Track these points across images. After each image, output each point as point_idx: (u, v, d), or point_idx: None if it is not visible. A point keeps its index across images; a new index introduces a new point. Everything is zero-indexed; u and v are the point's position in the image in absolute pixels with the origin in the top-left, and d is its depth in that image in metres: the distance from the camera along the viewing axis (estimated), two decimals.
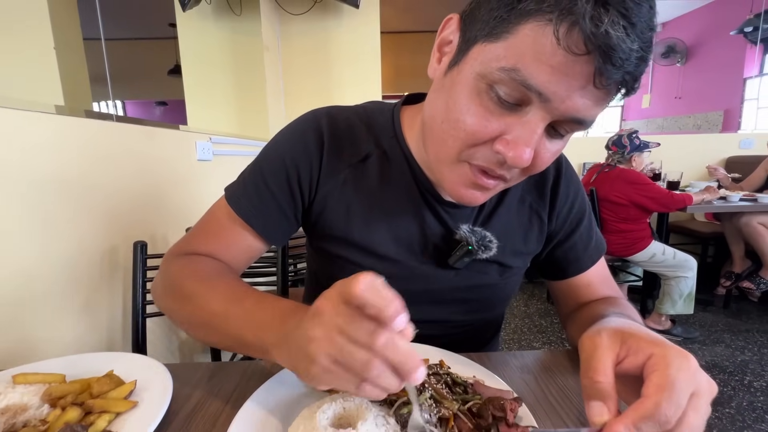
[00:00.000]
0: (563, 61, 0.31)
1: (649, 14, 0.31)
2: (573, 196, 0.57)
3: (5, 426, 0.36)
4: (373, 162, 0.52)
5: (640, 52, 0.31)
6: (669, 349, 0.30)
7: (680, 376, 0.27)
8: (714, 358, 1.88)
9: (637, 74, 0.33)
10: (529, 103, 0.35)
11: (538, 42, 0.32)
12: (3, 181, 0.69)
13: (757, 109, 4.48)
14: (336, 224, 0.53)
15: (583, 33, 0.30)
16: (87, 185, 0.88)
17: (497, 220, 0.54)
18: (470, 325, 0.59)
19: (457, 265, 0.53)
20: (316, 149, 0.52)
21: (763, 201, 2.08)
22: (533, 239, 0.56)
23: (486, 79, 0.35)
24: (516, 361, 0.52)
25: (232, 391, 0.46)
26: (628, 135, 2.07)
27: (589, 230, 0.58)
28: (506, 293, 0.60)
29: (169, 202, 1.17)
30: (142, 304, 0.92)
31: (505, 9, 0.33)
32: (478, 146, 0.39)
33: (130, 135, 1.03)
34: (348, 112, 0.55)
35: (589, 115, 0.35)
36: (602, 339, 0.32)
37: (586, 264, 0.58)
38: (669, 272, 2.02)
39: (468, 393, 0.39)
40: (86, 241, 0.87)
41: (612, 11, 0.29)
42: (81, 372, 0.45)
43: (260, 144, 2.19)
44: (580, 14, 0.29)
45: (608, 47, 0.30)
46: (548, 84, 0.33)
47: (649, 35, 0.31)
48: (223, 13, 2.29)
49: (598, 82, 0.32)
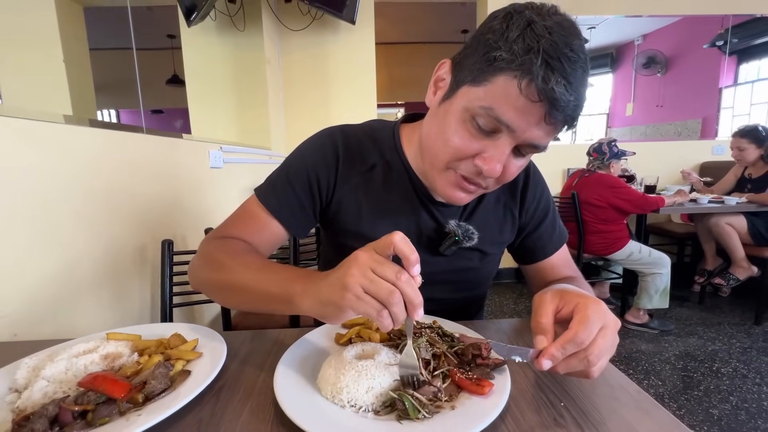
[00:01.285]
0: (524, 105, 0.45)
1: (583, 76, 0.45)
2: (539, 196, 0.71)
3: (107, 367, 0.48)
4: (378, 171, 0.65)
5: (576, 101, 0.45)
6: (588, 299, 0.43)
7: (592, 315, 0.40)
8: (687, 348, 2.03)
9: (575, 116, 0.47)
10: (500, 131, 0.49)
11: (507, 90, 0.45)
12: (55, 188, 0.80)
13: (733, 117, 4.72)
14: (349, 221, 0.66)
15: (537, 87, 0.43)
16: (119, 190, 0.99)
17: (478, 216, 0.68)
18: (458, 302, 0.73)
19: (446, 252, 0.66)
20: (333, 160, 0.64)
21: (729, 203, 2.25)
22: (507, 231, 0.71)
23: (470, 112, 0.49)
24: (494, 326, 0.65)
25: (271, 348, 0.58)
26: (607, 143, 2.24)
27: (553, 223, 0.73)
28: (485, 275, 0.74)
29: (187, 206, 1.28)
30: (170, 295, 1.04)
31: (485, 63, 0.46)
32: (462, 160, 0.53)
33: (154, 144, 1.15)
34: (357, 130, 0.68)
35: (543, 142, 0.50)
36: (547, 295, 0.46)
37: (550, 250, 0.72)
38: (645, 269, 2.18)
39: (454, 341, 0.52)
40: (121, 238, 0.99)
41: (557, 74, 0.43)
42: (148, 336, 0.57)
43: (264, 152, 2.32)
44: (535, 74, 0.43)
45: (553, 98, 0.44)
46: (514, 120, 0.47)
47: (581, 90, 0.46)
48: (226, 28, 2.42)
49: (547, 120, 0.46)
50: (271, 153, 2.42)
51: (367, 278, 0.38)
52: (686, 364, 1.87)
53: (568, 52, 0.43)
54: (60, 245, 0.81)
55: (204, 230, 1.23)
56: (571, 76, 0.43)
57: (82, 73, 2.81)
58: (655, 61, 5.55)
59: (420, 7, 4.12)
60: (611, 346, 0.41)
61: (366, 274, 0.38)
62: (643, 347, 2.06)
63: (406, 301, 0.39)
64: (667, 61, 5.41)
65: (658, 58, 5.49)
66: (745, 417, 1.50)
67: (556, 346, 0.40)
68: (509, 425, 0.40)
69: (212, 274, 0.56)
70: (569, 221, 2.35)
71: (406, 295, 0.38)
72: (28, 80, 2.67)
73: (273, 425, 0.41)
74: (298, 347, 0.54)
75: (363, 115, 2.82)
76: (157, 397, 0.43)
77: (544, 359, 0.39)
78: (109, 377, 0.43)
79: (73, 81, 2.69)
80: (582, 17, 3.38)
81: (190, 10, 2.28)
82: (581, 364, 0.40)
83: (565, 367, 0.40)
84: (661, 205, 2.12)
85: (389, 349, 0.48)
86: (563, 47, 0.43)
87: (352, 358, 0.46)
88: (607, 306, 0.43)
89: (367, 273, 0.38)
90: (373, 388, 0.42)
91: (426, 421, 0.39)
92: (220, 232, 0.64)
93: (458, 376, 0.45)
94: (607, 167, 2.25)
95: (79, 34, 2.79)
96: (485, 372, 0.46)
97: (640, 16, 3.45)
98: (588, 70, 0.46)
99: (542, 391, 0.46)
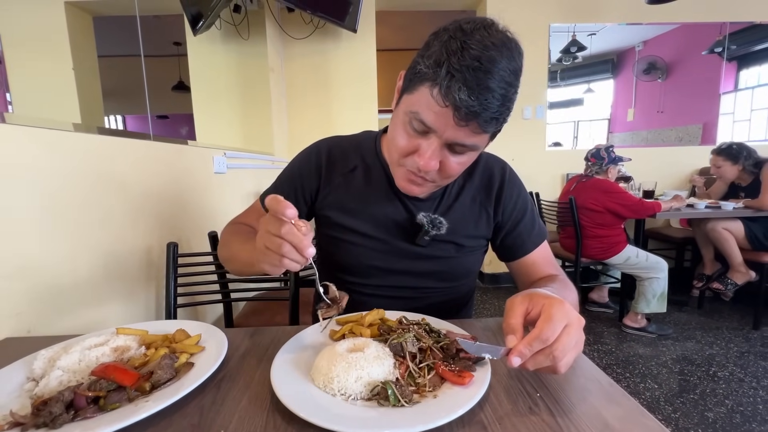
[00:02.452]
0: (438, 110, 0.53)
1: (490, 84, 0.51)
2: (516, 197, 0.77)
3: (116, 358, 0.52)
4: (359, 172, 0.76)
5: (482, 107, 0.51)
6: (553, 300, 0.46)
7: (556, 314, 0.43)
8: (684, 352, 2.04)
9: (489, 119, 0.53)
10: (429, 132, 0.57)
11: (426, 98, 0.54)
12: (65, 193, 0.85)
13: (733, 122, 4.74)
14: (335, 215, 0.76)
15: (441, 95, 0.52)
16: (127, 194, 1.04)
17: (454, 212, 0.75)
18: (442, 292, 0.78)
19: (420, 243, 0.73)
20: (316, 167, 0.77)
21: (726, 208, 2.27)
22: (483, 227, 0.77)
23: (407, 116, 0.58)
24: (480, 324, 0.68)
25: (269, 343, 0.62)
26: (605, 149, 2.27)
27: (531, 221, 0.78)
28: (466, 267, 0.78)
29: (191, 210, 1.33)
30: (174, 296, 1.08)
31: (414, 75, 0.56)
32: (406, 157, 0.62)
33: (161, 150, 1.20)
34: (344, 140, 0.80)
35: (467, 141, 0.56)
36: (517, 298, 0.49)
37: (530, 247, 0.77)
38: (643, 273, 2.20)
39: (440, 337, 0.55)
40: (128, 241, 1.03)
41: (458, 83, 0.51)
42: (154, 331, 0.61)
43: (267, 158, 2.37)
44: (440, 84, 0.52)
45: (456, 104, 0.51)
46: (433, 122, 0.55)
47: (488, 97, 0.51)
48: (231, 37, 2.48)
49: (457, 123, 0.53)
50: (274, 158, 2.46)
51: (263, 237, 0.48)
52: (683, 368, 1.88)
53: (475, 64, 0.50)
54: (70, 247, 0.85)
55: (207, 234, 1.28)
56: (473, 84, 0.50)
57: (90, 80, 2.88)
58: (656, 67, 5.57)
59: (420, 15, 4.19)
60: (576, 342, 0.44)
61: (262, 235, 0.48)
62: (641, 351, 2.07)
63: (296, 247, 0.46)
64: (668, 67, 5.43)
65: (658, 64, 5.52)
66: (739, 420, 1.52)
67: (523, 343, 0.43)
68: (487, 413, 0.43)
69: (222, 250, 0.72)
70: (567, 226, 2.37)
71: (292, 242, 0.46)
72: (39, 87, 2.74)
73: (269, 412, 0.44)
74: (294, 342, 0.58)
75: (364, 120, 2.86)
76: (162, 386, 0.47)
77: (513, 356, 0.43)
78: (119, 367, 0.46)
79: (82, 88, 2.76)
80: (582, 24, 3.43)
81: (196, 19, 2.35)
82: (548, 360, 0.43)
83: (533, 363, 0.43)
84: (657, 210, 2.14)
85: (378, 344, 0.52)
86: (471, 61, 0.50)
87: (344, 351, 0.49)
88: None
89: (263, 234, 0.48)
90: (362, 378, 0.45)
91: (408, 408, 0.42)
92: (235, 221, 0.80)
93: (442, 368, 0.48)
94: (605, 172, 2.28)
95: (88, 42, 2.87)
96: (467, 365, 0.49)
97: (640, 24, 3.48)
98: (507, 81, 0.52)
99: (520, 383, 0.50)
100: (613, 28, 4.82)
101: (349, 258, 0.76)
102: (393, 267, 0.75)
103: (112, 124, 6.45)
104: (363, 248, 0.74)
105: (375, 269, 0.75)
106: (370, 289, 0.77)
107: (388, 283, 0.76)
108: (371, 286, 0.77)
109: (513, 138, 3.06)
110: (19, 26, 2.58)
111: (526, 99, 3.06)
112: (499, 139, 0.69)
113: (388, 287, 0.77)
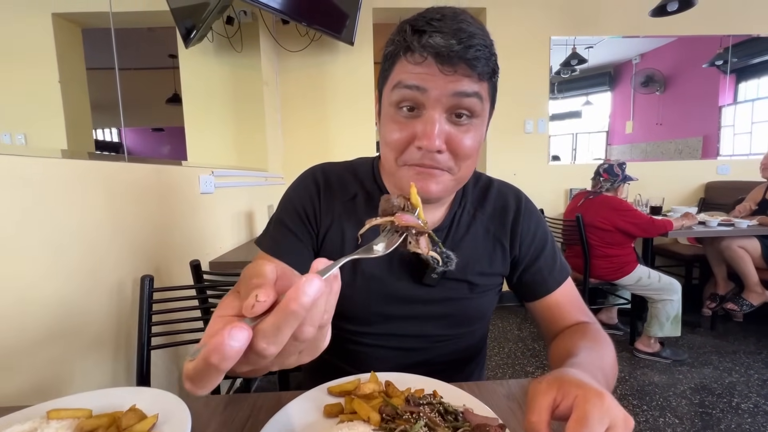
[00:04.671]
0: (420, 70, 0.50)
1: (459, 25, 0.49)
2: (534, 228, 0.68)
3: None
4: (360, 200, 0.66)
5: (462, 44, 0.48)
6: (588, 390, 0.34)
7: (594, 412, 0.32)
8: (703, 380, 1.92)
9: (472, 58, 0.49)
10: (422, 106, 0.52)
11: (404, 67, 0.52)
12: (16, 223, 0.73)
13: (734, 135, 4.70)
14: (335, 248, 0.64)
15: (417, 51, 0.50)
16: (96, 223, 0.93)
17: (465, 246, 0.64)
18: (452, 340, 0.66)
19: (428, 282, 0.62)
20: (315, 194, 0.66)
21: (740, 226, 2.18)
22: (498, 262, 0.66)
23: (392, 103, 0.54)
24: (503, 390, 0.57)
25: (245, 421, 0.50)
26: (619, 165, 2.17)
27: (552, 256, 0.67)
28: (480, 310, 0.67)
29: (172, 236, 1.21)
30: (147, 337, 0.96)
31: (385, 65, 0.56)
32: (405, 150, 0.55)
33: (136, 172, 1.09)
34: (337, 167, 0.70)
35: (465, 88, 0.50)
36: (542, 385, 0.37)
37: (552, 285, 0.66)
38: (655, 295, 2.09)
39: (458, 421, 0.44)
40: (96, 275, 0.92)
41: (427, 32, 0.49)
42: (105, 406, 0.49)
43: (260, 174, 2.26)
44: (410, 42, 0.50)
45: (434, 50, 0.48)
46: (421, 80, 0.50)
47: (461, 35, 0.48)
48: (224, 49, 2.41)
49: (443, 71, 0.49)
50: (268, 174, 2.36)
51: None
52: (703, 399, 1.76)
53: (437, 16, 0.50)
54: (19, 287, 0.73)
55: (189, 263, 1.16)
56: (445, 28, 0.48)
57: (78, 93, 2.80)
58: (654, 79, 5.57)
59: None
60: None
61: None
62: (656, 379, 1.95)
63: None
64: (666, 80, 5.43)
65: (656, 76, 5.51)
66: None
67: None
68: None
69: None
70: (574, 244, 2.27)
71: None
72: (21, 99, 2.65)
73: None
74: (277, 424, 0.46)
75: (362, 135, 2.78)
76: None
77: None
78: None
79: (68, 100, 2.68)
80: (580, 37, 3.39)
81: (188, 32, 2.27)
82: None
83: None
84: (669, 229, 2.05)
85: None
86: (430, 15, 0.50)
87: None
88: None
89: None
90: None
91: None
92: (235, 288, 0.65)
93: None
94: (615, 190, 2.19)
95: (76, 54, 2.79)
96: None
97: (637, 37, 3.46)
98: (478, 26, 0.50)
99: None
100: (609, 42, 4.82)
101: (349, 302, 0.63)
102: (398, 312, 0.64)
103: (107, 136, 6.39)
104: (364, 291, 0.63)
105: (377, 315, 0.64)
106: (371, 339, 0.65)
107: (391, 331, 0.65)
108: (372, 335, 0.65)
109: (514, 152, 2.98)
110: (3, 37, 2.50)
111: (527, 112, 2.99)
112: (501, 152, 0.61)
113: (392, 336, 0.65)
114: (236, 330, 0.21)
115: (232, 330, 0.21)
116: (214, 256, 1.48)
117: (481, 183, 0.70)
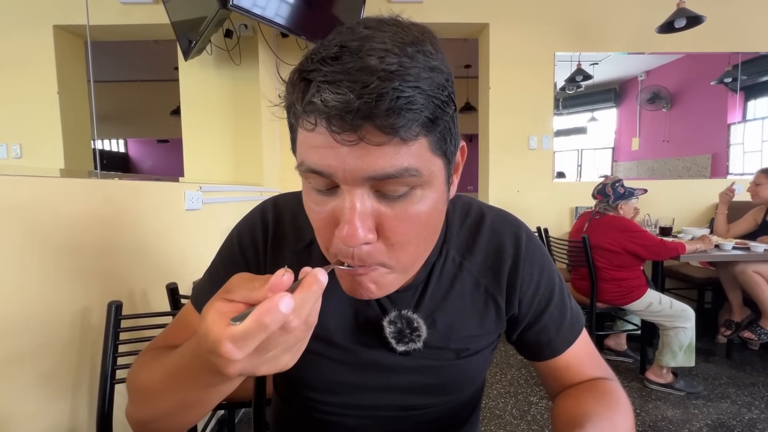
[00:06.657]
0: (317, 141, 0.34)
1: (359, 62, 0.31)
2: (537, 277, 0.53)
3: None
4: (316, 248, 0.49)
5: (356, 102, 0.30)
6: None
7: None
8: (720, 416, 1.79)
9: (383, 112, 0.30)
10: (332, 184, 0.36)
11: (303, 138, 0.36)
12: None
13: (743, 153, 4.60)
14: None
15: (302, 116, 0.34)
16: (63, 245, 0.86)
17: (450, 305, 0.51)
18: (437, 407, 0.55)
19: (402, 351, 0.50)
20: (261, 242, 0.54)
21: (756, 250, 2.07)
22: (491, 323, 0.53)
23: (304, 181, 0.38)
24: None
25: None
26: (611, 184, 2.09)
27: (561, 309, 0.55)
28: (469, 375, 0.55)
29: (150, 256, 1.14)
30: (111, 369, 0.87)
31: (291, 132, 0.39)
32: (332, 238, 0.38)
33: (112, 190, 1.03)
34: (294, 201, 0.55)
35: (379, 168, 0.33)
36: None
37: (560, 347, 0.54)
38: (667, 322, 1.97)
39: None
40: (60, 301, 0.84)
41: (315, 86, 0.32)
42: None
43: (254, 189, 2.21)
44: (296, 105, 0.34)
45: (325, 113, 0.31)
46: (320, 161, 0.34)
47: (362, 83, 0.30)
48: (223, 62, 2.39)
49: (343, 141, 0.32)
50: (263, 189, 2.30)
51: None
52: None
53: (332, 51, 0.32)
54: None
55: (165, 286, 1.08)
56: (336, 73, 0.31)
57: (77, 104, 2.78)
58: (660, 96, 5.51)
59: None
60: None
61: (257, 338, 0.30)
62: (670, 414, 1.82)
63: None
64: (672, 97, 5.36)
65: (662, 93, 5.45)
66: None
67: None
68: None
69: (138, 403, 0.45)
70: (580, 266, 2.17)
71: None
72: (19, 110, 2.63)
73: None
74: None
75: None
76: None
77: None
78: None
79: (66, 111, 2.66)
80: (585, 54, 3.35)
81: (188, 44, 2.25)
82: None
83: None
84: (681, 252, 1.94)
85: None
86: (325, 51, 0.33)
87: None
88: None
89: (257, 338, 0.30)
90: None
91: None
92: (149, 347, 0.53)
93: None
94: (614, 209, 2.10)
95: (77, 66, 2.78)
96: None
97: (642, 54, 3.42)
98: (395, 53, 0.32)
99: None
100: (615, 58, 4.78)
101: (309, 372, 0.52)
102: (366, 383, 0.52)
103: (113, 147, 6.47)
104: (325, 359, 0.51)
105: (343, 386, 0.52)
106: (339, 408, 0.54)
107: (362, 402, 0.53)
108: (340, 405, 0.53)
109: (517, 169, 2.90)
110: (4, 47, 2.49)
111: (532, 128, 2.92)
112: (503, 169, 0.49)
113: (363, 407, 0.53)
114: (287, 298, 0.26)
115: (282, 298, 0.26)
116: (198, 276, 1.40)
117: (470, 221, 0.54)
